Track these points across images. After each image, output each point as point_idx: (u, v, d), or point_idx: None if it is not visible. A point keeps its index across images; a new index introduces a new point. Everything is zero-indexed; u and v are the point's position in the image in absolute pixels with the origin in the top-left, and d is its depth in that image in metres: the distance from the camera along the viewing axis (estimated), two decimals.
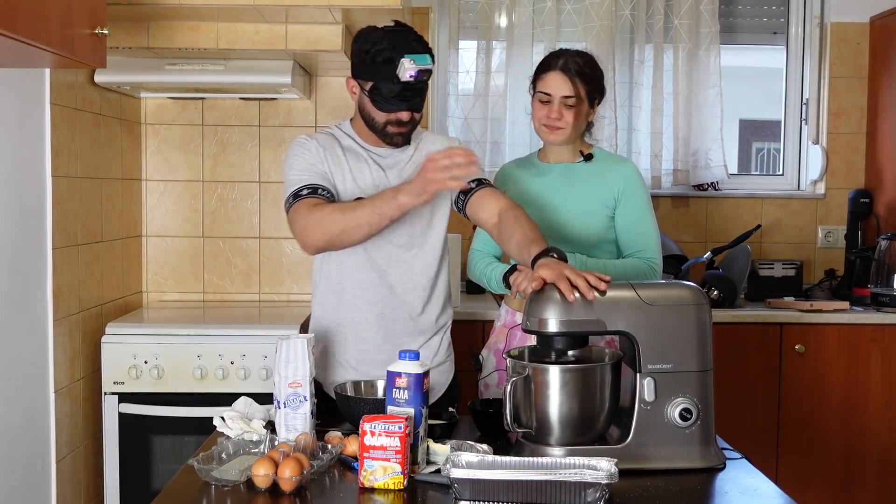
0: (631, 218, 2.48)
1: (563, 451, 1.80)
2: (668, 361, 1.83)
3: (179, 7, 2.81)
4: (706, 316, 1.86)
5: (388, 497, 1.67)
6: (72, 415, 2.94)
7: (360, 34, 2.23)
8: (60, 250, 2.82)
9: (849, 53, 3.87)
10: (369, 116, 2.24)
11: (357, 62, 2.21)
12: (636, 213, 2.48)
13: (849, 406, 3.38)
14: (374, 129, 2.26)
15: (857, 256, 3.66)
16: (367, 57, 2.17)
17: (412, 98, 2.20)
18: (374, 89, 2.18)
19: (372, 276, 2.30)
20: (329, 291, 2.35)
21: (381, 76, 2.16)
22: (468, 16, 3.85)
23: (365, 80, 2.20)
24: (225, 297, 3.74)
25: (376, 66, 2.16)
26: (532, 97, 2.51)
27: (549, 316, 1.82)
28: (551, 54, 2.51)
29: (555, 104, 2.43)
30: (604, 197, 2.47)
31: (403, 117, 2.21)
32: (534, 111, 2.50)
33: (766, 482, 1.78)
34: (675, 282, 1.93)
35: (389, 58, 2.15)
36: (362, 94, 2.22)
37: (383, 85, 2.16)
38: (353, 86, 2.25)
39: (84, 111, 3.04)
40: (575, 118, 2.44)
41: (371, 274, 2.30)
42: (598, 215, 2.47)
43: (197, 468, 1.71)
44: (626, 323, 1.83)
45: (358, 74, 2.22)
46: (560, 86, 2.42)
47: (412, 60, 2.14)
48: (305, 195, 2.18)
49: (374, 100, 2.19)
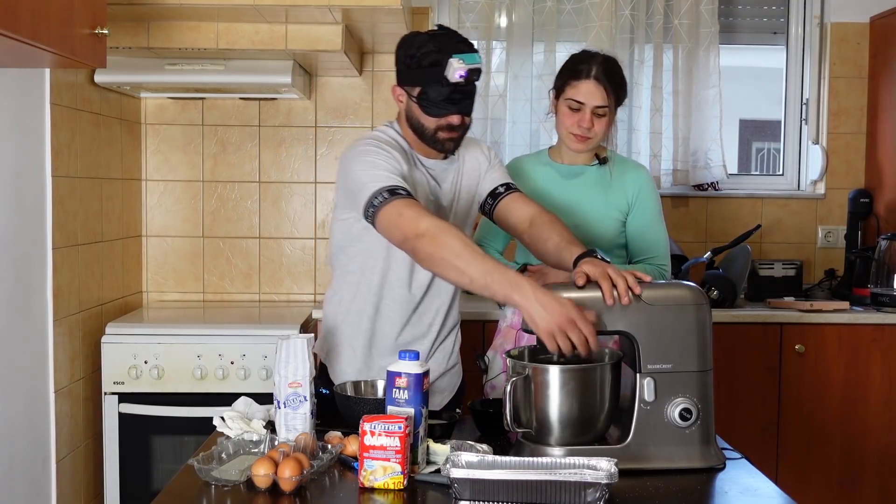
0: (643, 224, 2.47)
1: (563, 451, 1.80)
2: (668, 361, 1.83)
3: (179, 7, 2.81)
4: (706, 316, 1.86)
5: (388, 497, 1.67)
6: (72, 415, 2.94)
7: (404, 40, 2.15)
8: (60, 250, 2.82)
9: (849, 53, 3.87)
10: (419, 124, 2.15)
11: (402, 68, 2.13)
12: (649, 220, 2.47)
13: (849, 406, 3.38)
14: (424, 138, 2.16)
15: (857, 256, 3.66)
16: (413, 62, 2.09)
17: (462, 101, 2.11)
18: (422, 94, 2.10)
19: (404, 292, 2.26)
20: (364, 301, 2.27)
21: (428, 80, 2.08)
22: (468, 16, 3.85)
23: (412, 85, 2.12)
24: (225, 297, 3.74)
25: (423, 69, 2.08)
26: (555, 99, 2.46)
27: None
28: (581, 59, 2.43)
29: (587, 114, 2.38)
30: (617, 202, 2.47)
31: (454, 121, 2.13)
32: (560, 117, 2.44)
33: (766, 482, 1.78)
34: (675, 282, 1.93)
35: (436, 60, 2.07)
36: (410, 100, 2.14)
37: (431, 88, 2.08)
38: (400, 94, 2.16)
39: (84, 111, 3.04)
40: (605, 127, 2.41)
41: (404, 290, 2.26)
42: (611, 220, 2.47)
43: (197, 468, 1.71)
44: (625, 323, 1.83)
45: (404, 81, 2.14)
46: (593, 95, 2.37)
47: (461, 60, 2.06)
48: (406, 195, 1.99)
49: (423, 105, 2.11)
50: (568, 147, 2.47)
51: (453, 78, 2.06)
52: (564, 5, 3.81)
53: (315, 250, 3.77)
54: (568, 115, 2.42)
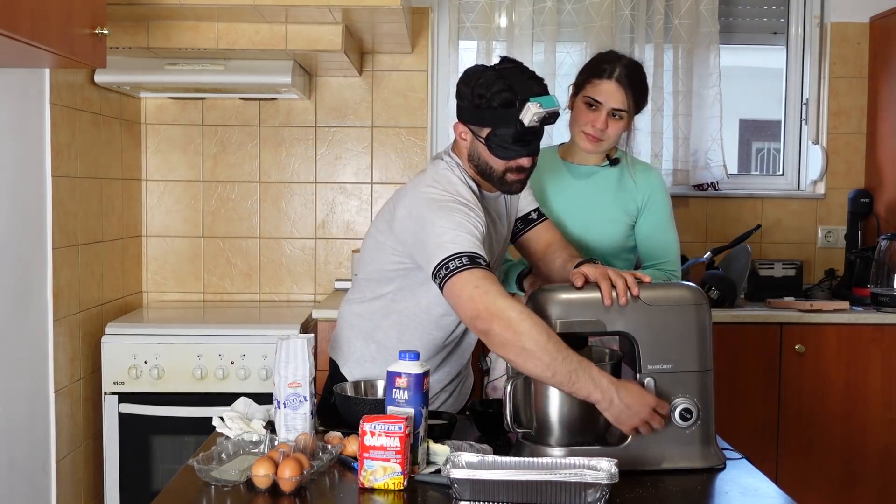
0: (654, 228, 2.44)
1: (563, 451, 1.80)
2: (668, 361, 1.83)
3: (179, 7, 2.81)
4: (706, 316, 1.85)
5: (388, 497, 1.67)
6: (72, 415, 2.94)
7: (471, 75, 2.02)
8: (60, 250, 2.82)
9: (849, 53, 3.87)
10: (486, 165, 2.03)
11: (468, 106, 2.00)
12: (659, 224, 2.44)
13: (849, 406, 3.37)
14: (490, 178, 2.05)
15: (857, 256, 3.66)
16: (483, 101, 1.96)
17: (533, 142, 2.01)
18: (491, 135, 1.98)
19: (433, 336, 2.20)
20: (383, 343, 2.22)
21: (500, 121, 1.96)
22: (468, 16, 3.85)
23: (480, 125, 2.00)
24: (225, 297, 3.74)
25: (494, 110, 1.96)
26: (573, 95, 2.41)
27: (549, 315, 1.82)
28: (606, 58, 2.38)
29: (602, 114, 2.33)
30: (627, 205, 2.44)
31: (525, 164, 2.02)
32: (576, 114, 2.39)
33: (766, 482, 1.78)
34: (675, 282, 1.93)
35: (509, 100, 1.95)
36: (476, 140, 2.02)
37: (503, 130, 1.97)
38: (464, 131, 2.04)
39: (84, 111, 3.04)
40: (619, 131, 2.37)
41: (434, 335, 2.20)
42: (620, 223, 2.44)
43: (197, 468, 1.71)
44: (625, 323, 1.83)
45: (471, 120, 2.01)
46: (613, 96, 2.32)
47: (539, 105, 1.94)
48: (485, 266, 1.87)
49: (492, 147, 1.99)
50: (579, 146, 2.41)
51: (530, 122, 1.95)
52: (564, 5, 3.81)
53: (315, 250, 3.77)
54: (584, 113, 2.36)
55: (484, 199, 2.10)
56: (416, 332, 2.17)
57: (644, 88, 2.40)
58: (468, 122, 2.03)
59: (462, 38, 3.86)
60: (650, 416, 1.78)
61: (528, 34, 3.81)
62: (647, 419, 1.78)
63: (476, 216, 1.97)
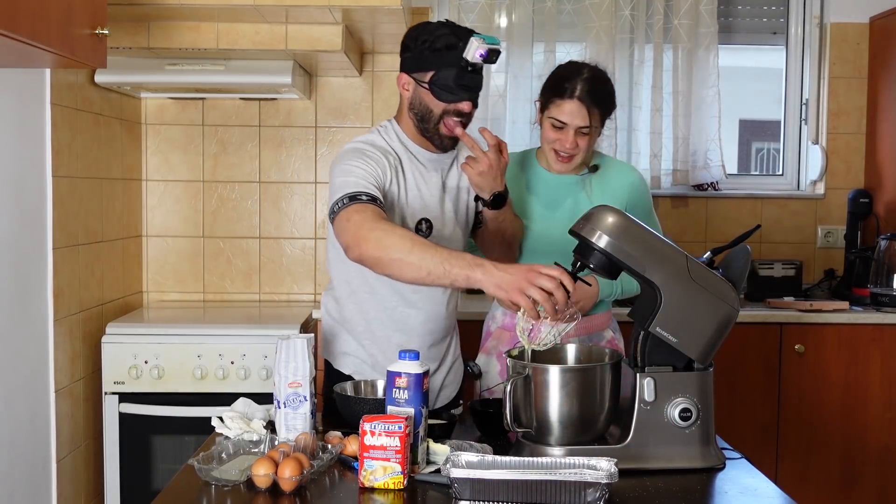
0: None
1: (563, 451, 1.80)
2: (676, 335, 1.83)
3: (179, 7, 2.81)
4: (731, 320, 1.86)
5: (388, 497, 1.67)
6: (72, 415, 2.94)
7: (416, 27, 2.13)
8: (61, 250, 2.82)
9: (849, 53, 3.87)
10: (426, 109, 2.12)
11: (414, 54, 2.10)
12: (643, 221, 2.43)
13: (849, 406, 3.38)
14: (427, 123, 2.14)
15: (856, 256, 3.66)
16: (427, 45, 2.07)
17: (473, 89, 2.11)
18: (434, 77, 2.08)
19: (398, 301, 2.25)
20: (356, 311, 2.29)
21: (443, 62, 2.06)
22: (468, 16, 3.85)
23: (424, 70, 2.09)
24: (225, 297, 3.75)
25: (438, 52, 2.06)
26: (539, 112, 2.39)
27: (603, 230, 1.81)
28: (565, 75, 2.34)
29: (570, 134, 2.31)
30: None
31: (464, 108, 2.11)
32: (544, 132, 2.37)
33: (766, 482, 1.78)
34: (725, 277, 1.93)
35: (453, 43, 2.06)
36: (418, 87, 2.11)
37: (446, 71, 2.06)
38: (406, 82, 2.14)
39: (84, 111, 3.04)
40: (588, 145, 2.35)
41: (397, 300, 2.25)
42: None
43: (197, 468, 1.72)
44: (662, 279, 1.81)
45: (415, 67, 2.11)
46: (576, 116, 2.29)
47: (482, 40, 2.05)
48: (366, 201, 1.98)
49: (434, 89, 2.08)
50: (551, 163, 2.40)
51: (473, 57, 2.04)
52: (564, 5, 3.81)
53: (315, 250, 3.77)
54: (551, 132, 2.34)
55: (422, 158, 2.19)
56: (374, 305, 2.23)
57: (608, 97, 2.35)
58: (412, 71, 2.12)
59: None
60: (533, 276, 1.76)
61: (528, 34, 3.81)
62: (531, 279, 1.76)
63: (369, 163, 2.07)
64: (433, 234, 2.17)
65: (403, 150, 2.19)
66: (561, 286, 1.77)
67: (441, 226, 2.20)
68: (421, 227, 2.16)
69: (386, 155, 2.14)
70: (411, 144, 2.20)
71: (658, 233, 2.44)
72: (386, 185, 2.10)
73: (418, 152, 2.20)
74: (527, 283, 1.77)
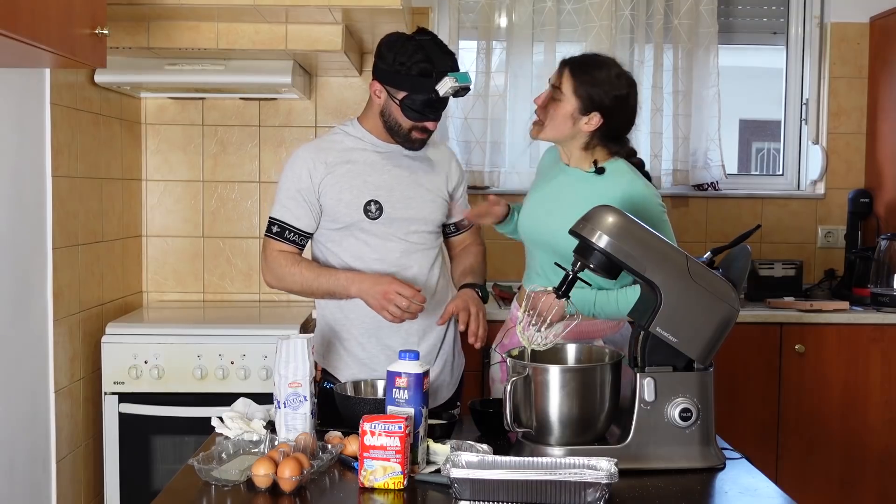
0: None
1: (563, 451, 1.80)
2: (676, 335, 1.83)
3: (179, 7, 2.81)
4: (731, 321, 1.86)
5: (388, 497, 1.67)
6: (72, 415, 2.94)
7: (392, 43, 2.27)
8: (60, 250, 2.82)
9: (849, 53, 3.87)
10: (395, 122, 2.30)
11: (390, 71, 2.25)
12: None
13: (849, 406, 3.37)
14: (395, 134, 2.33)
15: (856, 256, 3.66)
16: (403, 68, 2.22)
17: (439, 109, 2.29)
18: (406, 99, 2.24)
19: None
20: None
21: (416, 88, 2.23)
22: (468, 16, 3.85)
23: (397, 88, 2.26)
24: (225, 297, 3.74)
25: (412, 77, 2.22)
26: None
27: (603, 230, 1.82)
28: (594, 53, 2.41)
29: (545, 92, 2.34)
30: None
31: (430, 126, 2.31)
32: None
33: (766, 482, 1.79)
34: (726, 277, 1.93)
35: (427, 70, 2.22)
36: (390, 100, 2.28)
37: (417, 95, 2.23)
38: (379, 89, 2.30)
39: (84, 111, 3.04)
40: (554, 112, 2.28)
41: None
42: None
43: (197, 468, 1.72)
44: (662, 279, 1.82)
45: (389, 81, 2.27)
46: (554, 74, 2.32)
47: (455, 80, 2.22)
48: (274, 233, 2.34)
49: (405, 109, 2.26)
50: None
51: (444, 93, 2.22)
52: (564, 5, 3.81)
53: None
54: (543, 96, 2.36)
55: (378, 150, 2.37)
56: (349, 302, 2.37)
57: (589, 79, 2.26)
58: (386, 83, 2.28)
59: (462, 38, 3.86)
60: (389, 295, 2.17)
61: (528, 34, 3.81)
62: (389, 298, 2.17)
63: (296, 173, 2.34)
64: (384, 216, 2.32)
65: (360, 142, 2.37)
66: (413, 302, 2.16)
67: (392, 209, 2.34)
68: (370, 207, 2.32)
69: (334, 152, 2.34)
70: (371, 138, 2.37)
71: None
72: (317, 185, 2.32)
73: (378, 144, 2.37)
74: (387, 302, 2.18)
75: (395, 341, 2.32)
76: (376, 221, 2.31)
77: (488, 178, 3.82)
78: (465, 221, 2.53)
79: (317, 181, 2.32)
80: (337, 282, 2.27)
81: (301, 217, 2.34)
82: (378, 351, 2.33)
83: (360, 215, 2.31)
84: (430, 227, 2.40)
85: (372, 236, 2.33)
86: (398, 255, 2.33)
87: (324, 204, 2.33)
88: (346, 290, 2.26)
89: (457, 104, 3.84)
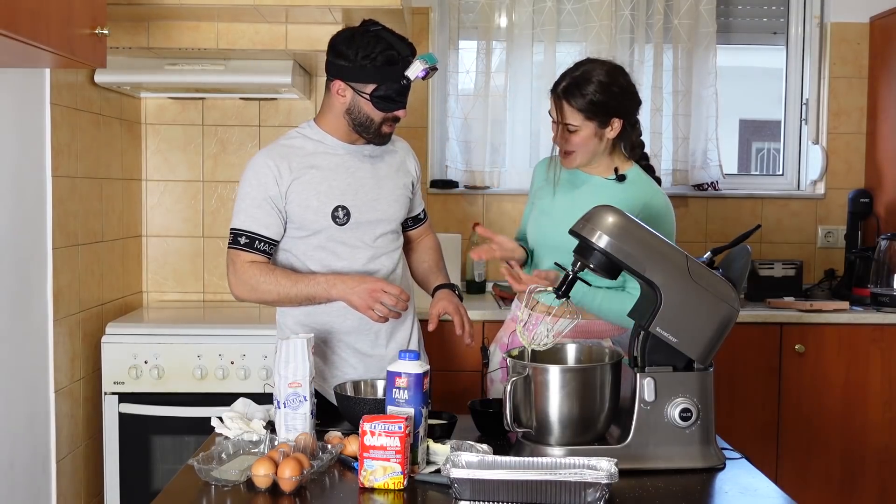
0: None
1: (563, 451, 1.80)
2: (676, 335, 1.83)
3: (179, 7, 2.81)
4: (731, 321, 1.86)
5: (388, 497, 1.67)
6: (72, 415, 2.94)
7: (349, 39, 2.24)
8: (60, 250, 2.82)
9: (849, 53, 3.87)
10: (365, 118, 2.27)
11: (354, 67, 2.22)
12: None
13: (849, 406, 3.38)
14: (365, 130, 2.29)
15: (856, 256, 3.66)
16: (369, 61, 2.21)
17: (406, 97, 2.29)
18: (376, 91, 2.23)
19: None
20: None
21: (385, 77, 2.22)
22: (468, 16, 3.85)
23: (365, 83, 2.23)
24: (225, 297, 3.74)
25: (380, 68, 2.21)
26: None
27: (603, 230, 1.82)
28: (568, 70, 2.32)
29: (559, 129, 2.30)
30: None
31: (400, 115, 2.29)
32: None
33: (766, 482, 1.79)
34: (727, 278, 1.93)
35: (393, 58, 2.21)
36: (358, 96, 2.24)
37: (388, 85, 2.22)
38: (342, 88, 2.26)
39: (84, 111, 3.04)
40: (578, 141, 2.27)
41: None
42: None
43: (197, 468, 1.72)
44: (662, 279, 1.82)
45: (356, 78, 2.24)
46: (558, 111, 2.29)
47: (425, 61, 2.23)
48: (242, 244, 2.27)
49: (376, 101, 2.24)
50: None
51: (415, 76, 2.23)
52: (564, 5, 3.81)
53: None
54: (553, 128, 2.36)
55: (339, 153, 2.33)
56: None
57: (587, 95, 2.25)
58: (351, 81, 2.25)
59: (462, 38, 3.86)
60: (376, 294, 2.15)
61: (528, 34, 3.81)
62: (376, 297, 2.15)
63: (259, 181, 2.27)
64: (351, 221, 2.30)
65: (321, 145, 2.33)
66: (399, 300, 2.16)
67: (359, 213, 2.32)
68: (337, 213, 2.29)
69: (289, 158, 2.29)
70: (331, 139, 2.33)
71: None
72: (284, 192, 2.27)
73: (339, 145, 2.33)
74: (374, 302, 2.16)
75: (364, 344, 2.34)
76: (344, 227, 2.29)
77: (488, 178, 3.82)
78: (421, 214, 2.55)
79: (283, 188, 2.27)
80: (317, 285, 2.22)
81: (270, 226, 2.28)
82: (349, 354, 2.33)
83: (327, 221, 2.28)
84: (395, 225, 2.41)
85: (339, 244, 2.30)
86: (365, 261, 2.32)
87: (290, 211, 2.28)
88: (328, 292, 2.22)
89: (457, 104, 3.85)
